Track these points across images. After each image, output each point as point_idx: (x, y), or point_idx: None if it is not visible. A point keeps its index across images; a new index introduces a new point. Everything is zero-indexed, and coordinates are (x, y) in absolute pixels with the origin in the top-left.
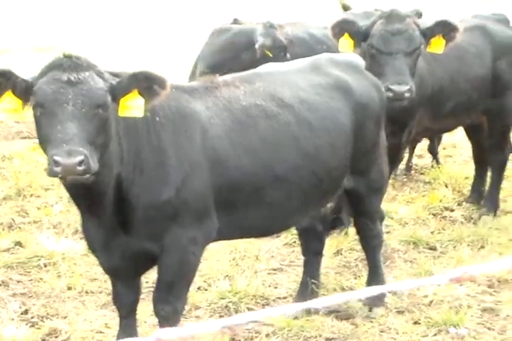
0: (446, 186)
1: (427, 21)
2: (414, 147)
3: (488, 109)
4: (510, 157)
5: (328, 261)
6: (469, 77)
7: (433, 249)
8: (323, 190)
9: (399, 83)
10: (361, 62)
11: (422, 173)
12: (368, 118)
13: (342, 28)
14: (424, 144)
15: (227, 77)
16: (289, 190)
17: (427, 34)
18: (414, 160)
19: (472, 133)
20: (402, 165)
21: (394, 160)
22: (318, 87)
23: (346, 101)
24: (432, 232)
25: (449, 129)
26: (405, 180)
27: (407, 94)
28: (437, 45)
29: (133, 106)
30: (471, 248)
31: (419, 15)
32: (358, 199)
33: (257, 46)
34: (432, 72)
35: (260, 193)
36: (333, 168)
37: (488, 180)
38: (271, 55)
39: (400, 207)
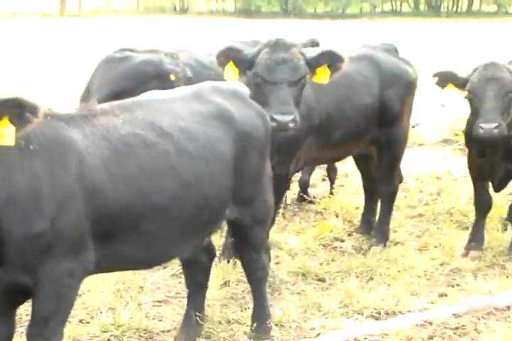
0: (337, 216)
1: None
2: (335, 175)
3: (376, 138)
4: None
5: (214, 293)
6: (356, 105)
7: (322, 280)
8: (203, 221)
9: (283, 113)
10: (245, 91)
11: (313, 203)
12: (251, 148)
13: (227, 56)
14: (317, 173)
15: (106, 105)
16: (169, 221)
17: (313, 64)
18: (314, 188)
19: (362, 163)
20: (294, 195)
21: (281, 190)
22: (199, 116)
23: (227, 130)
24: (321, 263)
25: (338, 159)
26: (296, 209)
27: (291, 125)
28: (323, 75)
29: (3, 134)
30: (360, 279)
31: (315, 44)
32: (242, 230)
33: (173, 77)
34: (320, 101)
35: (139, 224)
36: (213, 198)
37: (379, 210)
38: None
39: (289, 237)
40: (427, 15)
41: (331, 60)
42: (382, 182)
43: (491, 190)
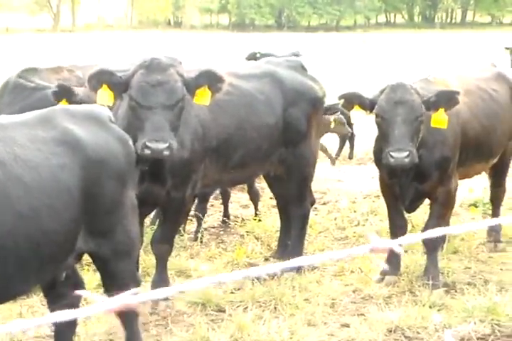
0: (257, 239)
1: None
2: (227, 199)
3: (283, 159)
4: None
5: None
6: (258, 125)
7: (222, 310)
8: (45, 255)
9: (157, 140)
10: (105, 114)
11: (240, 225)
12: (107, 176)
13: (99, 79)
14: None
15: None
16: (5, 257)
17: (192, 85)
18: (239, 211)
19: (273, 184)
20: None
21: (178, 215)
22: (40, 142)
23: (74, 156)
24: (226, 292)
25: (242, 181)
26: (222, 232)
27: (166, 152)
28: (203, 97)
29: None
30: (263, 309)
31: (297, 57)
32: (104, 263)
33: None
34: (217, 121)
35: None
36: (54, 230)
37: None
38: None
39: (201, 263)
40: (421, 26)
41: (211, 80)
42: (292, 203)
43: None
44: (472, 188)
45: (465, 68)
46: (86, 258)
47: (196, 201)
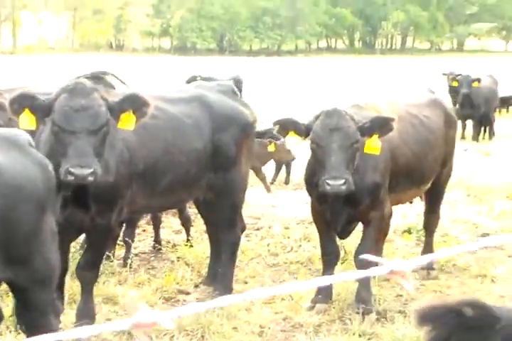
0: (188, 265)
1: None
2: (158, 224)
3: (212, 184)
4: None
5: None
6: (186, 149)
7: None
8: None
9: (81, 166)
10: (24, 138)
11: (172, 251)
12: (23, 202)
13: (21, 103)
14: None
15: None
16: None
17: (116, 109)
18: (171, 236)
19: (202, 210)
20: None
21: (103, 242)
22: None
23: None
24: None
25: (172, 207)
26: (152, 258)
27: (90, 178)
28: (127, 122)
29: None
30: (191, 337)
31: (237, 81)
32: (21, 291)
33: None
34: (144, 145)
35: None
36: None
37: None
38: None
39: (129, 290)
40: (361, 52)
41: (136, 104)
42: (222, 229)
43: None
44: (406, 214)
45: (399, 94)
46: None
47: (124, 226)
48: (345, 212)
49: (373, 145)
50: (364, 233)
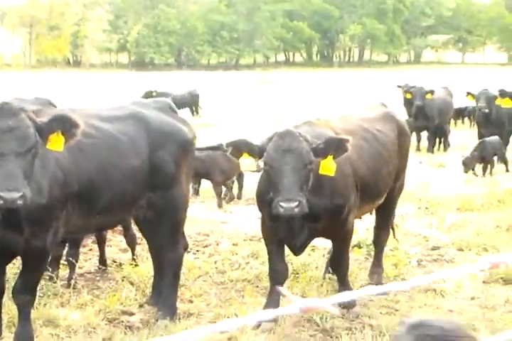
0: (133, 285)
1: None
2: (103, 244)
3: (152, 203)
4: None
5: None
6: (122, 168)
7: None
8: None
9: (9, 190)
10: None
11: (117, 271)
12: None
13: None
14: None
15: None
16: None
17: (44, 130)
18: (118, 255)
19: (143, 228)
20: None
21: (40, 264)
22: None
23: None
24: None
25: (110, 227)
26: (98, 278)
27: (19, 202)
28: (56, 143)
29: None
30: None
31: (193, 96)
32: None
33: None
34: (79, 165)
35: None
36: None
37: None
38: None
39: (71, 312)
40: (319, 65)
41: (65, 125)
42: (165, 249)
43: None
44: (356, 228)
45: (353, 108)
46: None
47: (68, 246)
48: (305, 228)
49: (327, 167)
50: (334, 247)
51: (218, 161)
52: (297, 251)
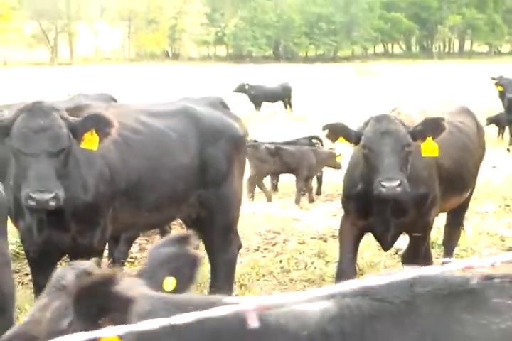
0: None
1: None
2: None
3: (204, 201)
4: None
5: None
6: (171, 166)
7: None
8: None
9: (41, 191)
10: None
11: None
12: None
13: None
14: None
15: None
16: None
17: (78, 129)
18: None
19: (196, 227)
20: None
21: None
22: None
23: None
24: None
25: (159, 225)
26: None
27: (52, 203)
28: (90, 142)
29: None
30: None
31: (285, 88)
32: None
33: None
34: (126, 162)
35: None
36: None
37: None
38: None
39: None
40: (419, 56)
41: (99, 124)
42: (217, 248)
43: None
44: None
45: (428, 102)
46: None
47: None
48: (392, 223)
49: (429, 148)
50: (411, 242)
51: (308, 156)
52: (389, 245)
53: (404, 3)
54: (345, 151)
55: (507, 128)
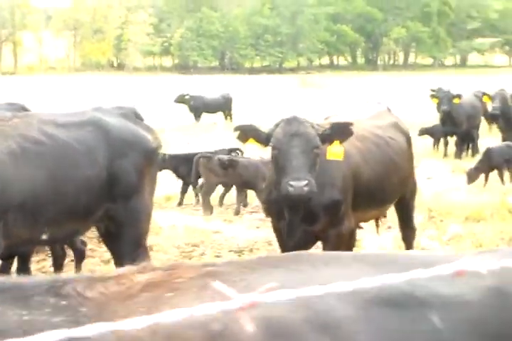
0: None
1: None
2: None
3: (112, 215)
4: None
5: None
6: (75, 178)
7: None
8: None
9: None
10: None
11: None
12: None
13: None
14: None
15: None
16: None
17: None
18: (99, 267)
19: (105, 241)
20: None
21: None
22: None
23: None
24: None
25: (60, 240)
26: None
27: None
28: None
29: None
30: None
31: (226, 99)
32: None
33: None
34: (21, 175)
35: None
36: None
37: None
38: None
39: None
40: (364, 68)
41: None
42: (126, 263)
43: None
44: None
45: (362, 113)
46: None
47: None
48: (301, 230)
49: (335, 151)
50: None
51: (261, 167)
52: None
53: (350, 16)
54: None
55: (442, 140)
